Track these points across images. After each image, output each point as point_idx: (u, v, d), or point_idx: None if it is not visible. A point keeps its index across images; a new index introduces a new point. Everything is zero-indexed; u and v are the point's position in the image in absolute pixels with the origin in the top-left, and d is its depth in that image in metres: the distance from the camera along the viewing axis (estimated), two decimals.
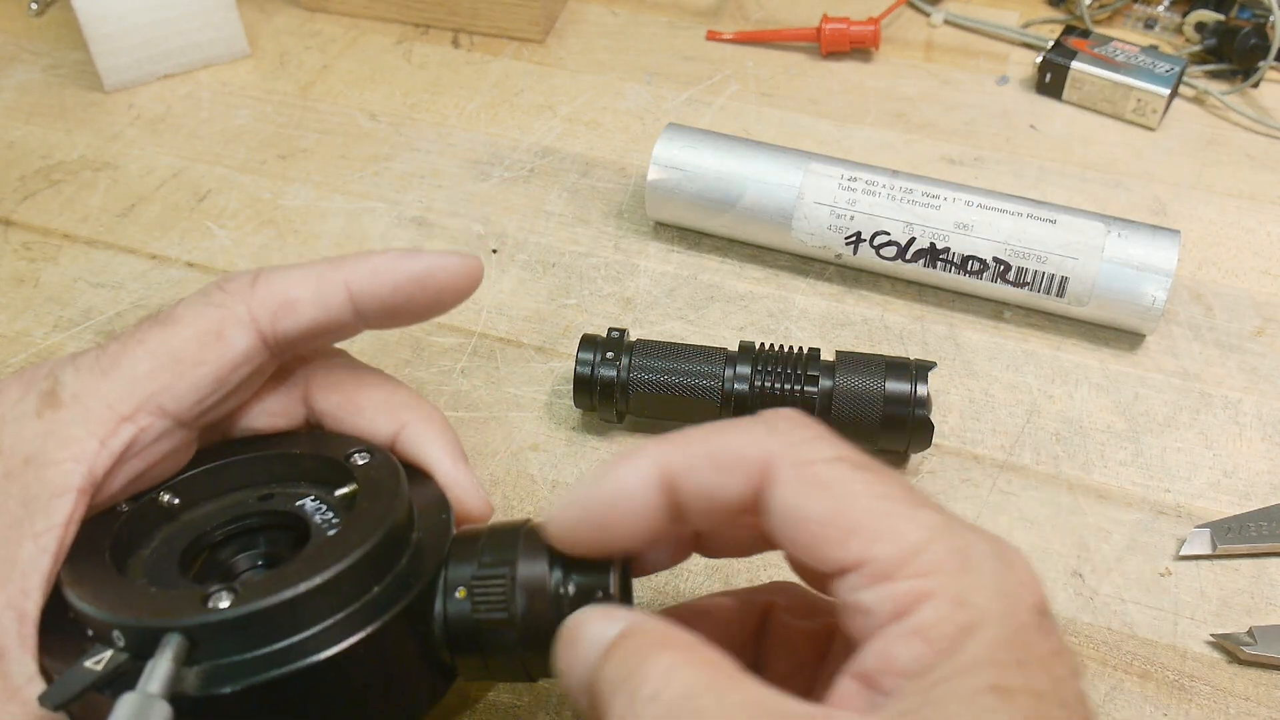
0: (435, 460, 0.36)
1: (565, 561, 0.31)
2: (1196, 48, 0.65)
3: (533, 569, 0.31)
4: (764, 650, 0.33)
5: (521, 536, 0.32)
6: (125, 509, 0.33)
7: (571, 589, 0.31)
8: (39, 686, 0.29)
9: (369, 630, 0.30)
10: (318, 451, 0.35)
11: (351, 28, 0.68)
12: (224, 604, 0.28)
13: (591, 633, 0.28)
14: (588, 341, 0.45)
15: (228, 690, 0.28)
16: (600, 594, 0.31)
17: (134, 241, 0.55)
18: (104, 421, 0.32)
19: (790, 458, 0.27)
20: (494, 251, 0.54)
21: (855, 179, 0.50)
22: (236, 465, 0.35)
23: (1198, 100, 0.63)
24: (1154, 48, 0.62)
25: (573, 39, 0.67)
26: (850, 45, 0.65)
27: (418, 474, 0.36)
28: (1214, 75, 0.64)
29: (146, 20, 0.61)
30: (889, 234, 0.50)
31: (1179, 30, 0.66)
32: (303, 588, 0.29)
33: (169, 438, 0.33)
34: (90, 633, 0.30)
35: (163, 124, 0.61)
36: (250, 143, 0.60)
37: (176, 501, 0.34)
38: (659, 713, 0.24)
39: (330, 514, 0.33)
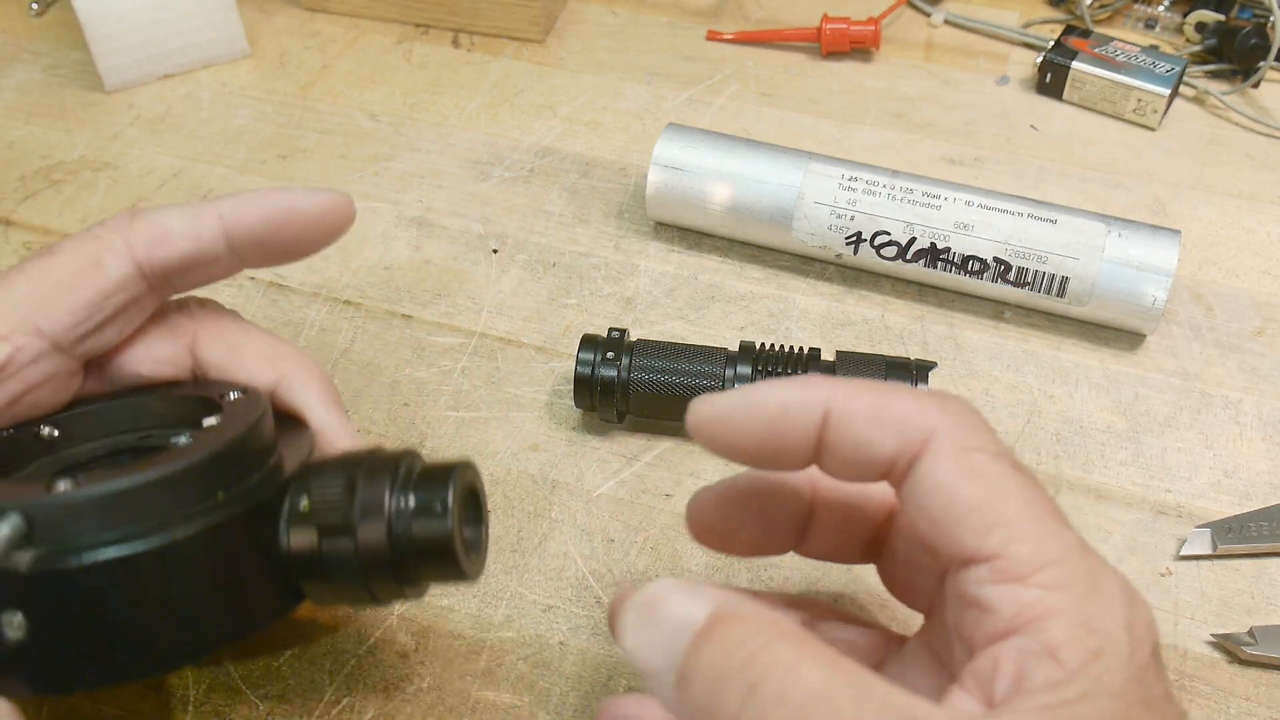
0: (310, 407, 0.37)
1: (407, 479, 0.32)
2: (1197, 48, 0.65)
3: (374, 481, 0.32)
4: None
5: (369, 454, 0.33)
6: (4, 434, 0.34)
7: (411, 501, 0.32)
8: None
9: (200, 526, 0.30)
10: (196, 393, 0.36)
11: (351, 28, 0.68)
12: (65, 485, 0.29)
13: (676, 611, 0.26)
14: (588, 341, 0.45)
15: (56, 568, 0.28)
16: (439, 507, 0.32)
17: None
18: None
19: (955, 438, 0.27)
20: (494, 251, 0.54)
21: (855, 179, 0.50)
22: (117, 407, 0.36)
23: (1198, 100, 0.63)
24: (1154, 48, 0.62)
25: (573, 39, 0.67)
26: (850, 45, 0.65)
27: (293, 420, 0.37)
28: (1214, 75, 0.64)
29: (146, 20, 0.61)
30: (889, 234, 0.50)
31: (1179, 30, 0.66)
32: (142, 478, 0.29)
33: (46, 361, 0.35)
34: None
35: (163, 124, 0.61)
36: (250, 143, 0.60)
37: (55, 434, 0.35)
38: (789, 714, 0.23)
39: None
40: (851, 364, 0.44)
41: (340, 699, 0.39)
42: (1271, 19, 0.61)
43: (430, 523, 0.32)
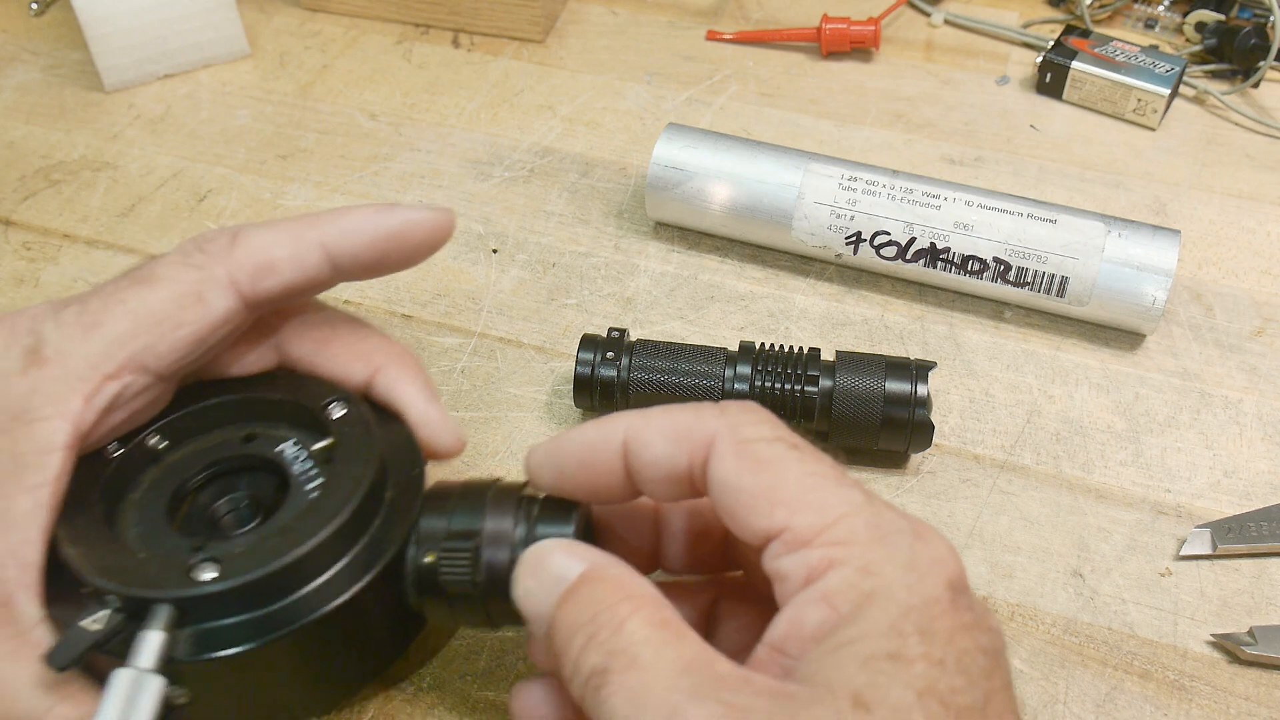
0: (408, 402, 0.37)
1: (529, 522, 0.33)
2: (1197, 48, 0.65)
3: (498, 535, 0.33)
4: (713, 635, 0.35)
5: (489, 499, 0.34)
6: (115, 453, 0.35)
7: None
8: (46, 631, 0.32)
9: (347, 596, 0.32)
10: (296, 398, 0.36)
11: (351, 28, 0.68)
12: (209, 575, 0.31)
13: (554, 566, 0.30)
14: (588, 341, 0.45)
15: (205, 658, 0.31)
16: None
17: (134, 242, 0.55)
18: (88, 380, 0.33)
19: (731, 435, 0.29)
20: (494, 251, 0.54)
21: (855, 179, 0.50)
22: (220, 407, 0.37)
23: (1198, 100, 0.63)
24: (1154, 48, 0.62)
25: (573, 39, 0.67)
26: (850, 45, 0.65)
27: (390, 420, 0.37)
28: (1214, 75, 0.64)
29: (146, 20, 0.61)
30: (889, 234, 0.50)
31: (1179, 30, 0.66)
32: (283, 560, 0.31)
33: (149, 392, 0.35)
34: (85, 591, 0.32)
35: (163, 124, 0.61)
36: (250, 143, 0.60)
37: (163, 445, 0.36)
38: (606, 660, 0.26)
39: (309, 465, 0.35)
40: (851, 364, 0.44)
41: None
42: (1271, 19, 0.61)
43: None
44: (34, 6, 0.69)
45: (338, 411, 0.36)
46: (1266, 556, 0.43)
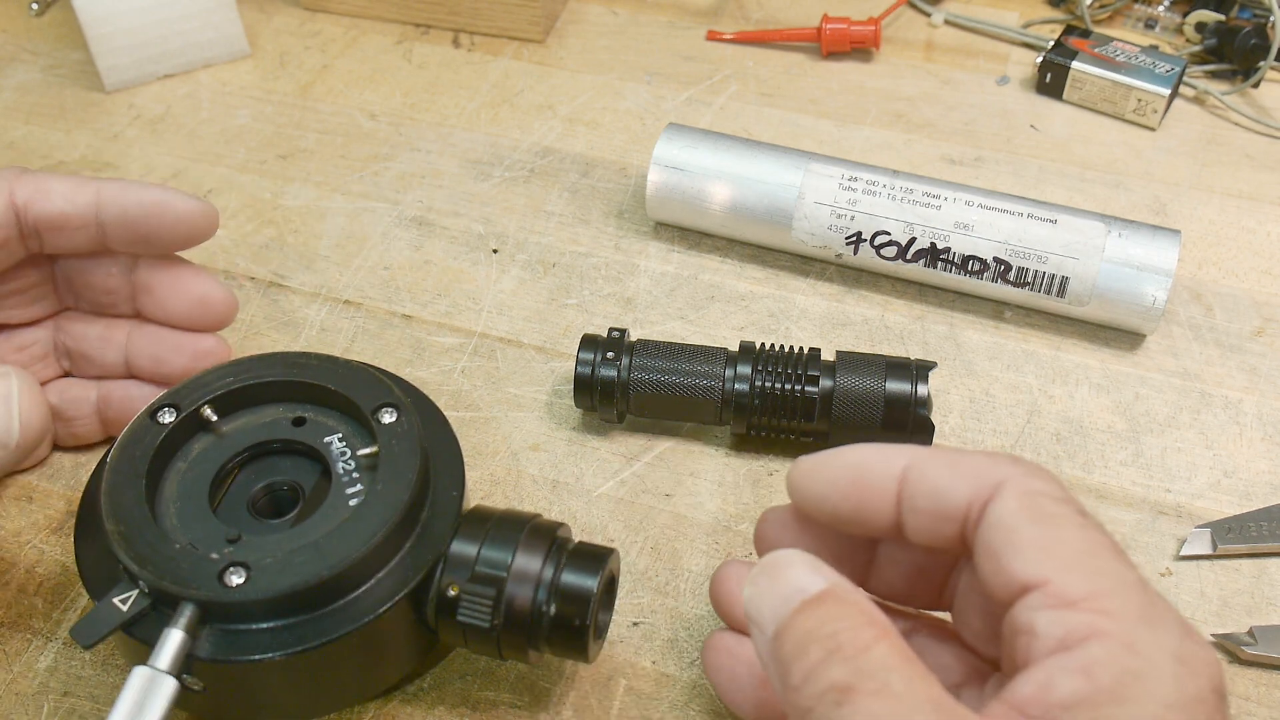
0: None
1: (558, 566, 0.34)
2: (1197, 48, 0.65)
3: (524, 574, 0.34)
4: None
5: (524, 535, 0.34)
6: (168, 420, 0.36)
7: (553, 609, 0.34)
8: None
9: (371, 617, 0.33)
10: (349, 394, 0.37)
11: (351, 28, 0.68)
12: (238, 580, 0.32)
13: (794, 577, 0.29)
14: (588, 341, 0.45)
15: (224, 659, 0.32)
16: (577, 622, 0.34)
17: None
18: None
19: (1022, 485, 0.29)
20: (494, 251, 0.54)
21: (855, 179, 0.50)
22: (272, 385, 0.38)
23: (1198, 100, 0.63)
24: (1154, 48, 0.62)
25: (573, 39, 0.67)
26: (850, 45, 0.65)
27: (436, 432, 0.38)
28: (1214, 75, 0.64)
29: (146, 20, 0.61)
30: (889, 234, 0.50)
31: (1179, 30, 0.66)
32: (313, 578, 0.32)
33: None
34: (121, 566, 0.33)
35: (163, 124, 0.61)
36: (250, 143, 0.60)
37: (215, 418, 0.37)
38: (849, 677, 0.26)
39: (352, 465, 0.36)
40: (851, 364, 0.44)
41: None
42: (1271, 19, 0.61)
43: (572, 613, 0.34)
44: (34, 6, 0.69)
45: (387, 417, 0.36)
46: (1266, 556, 0.43)
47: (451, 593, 0.34)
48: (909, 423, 0.43)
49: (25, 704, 0.38)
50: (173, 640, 0.31)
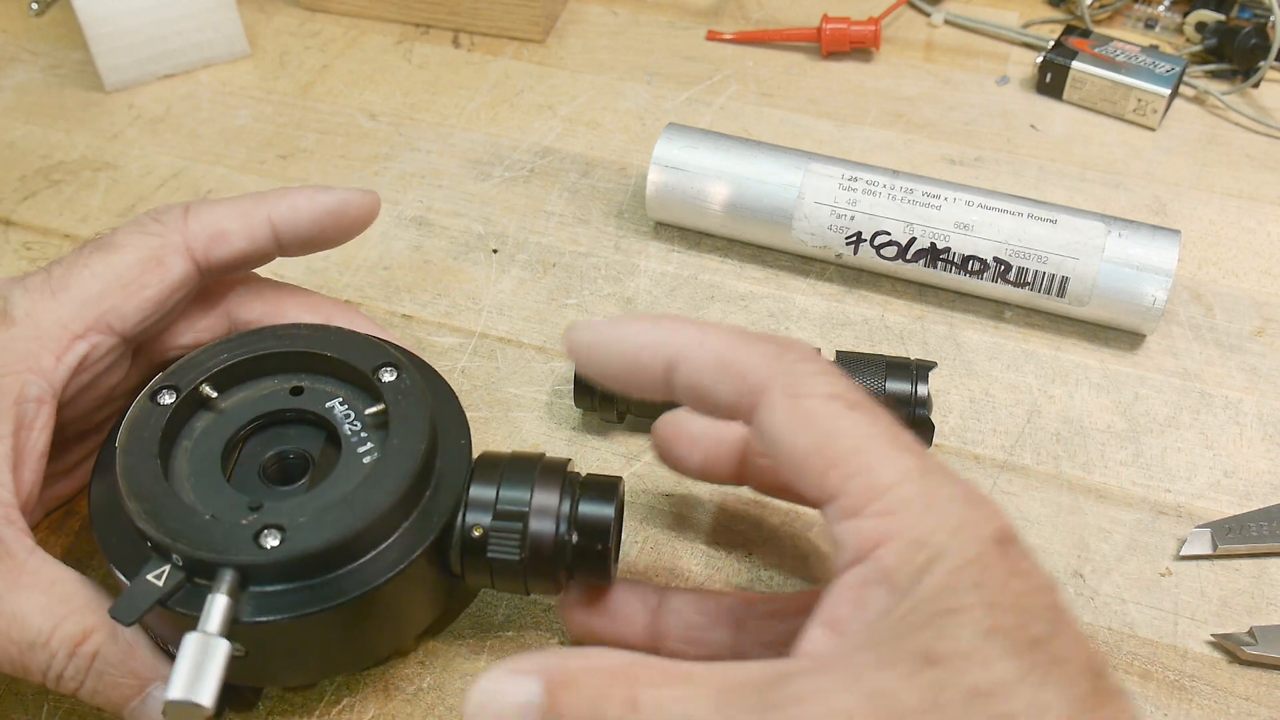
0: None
1: (574, 499, 0.36)
2: (1197, 48, 0.65)
3: (544, 509, 0.35)
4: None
5: (538, 473, 0.36)
6: (169, 401, 0.36)
7: (574, 538, 0.36)
8: (42, 559, 0.34)
9: (402, 566, 0.34)
10: (345, 358, 0.38)
11: (351, 28, 0.68)
12: (274, 542, 0.32)
13: (514, 698, 0.26)
14: None
15: (262, 620, 0.32)
16: (600, 546, 0.35)
17: None
18: (59, 339, 0.36)
19: (786, 387, 0.29)
20: (494, 251, 0.54)
21: (855, 179, 0.50)
22: (269, 358, 0.38)
23: (1198, 100, 0.63)
24: (1154, 48, 0.62)
25: (573, 39, 0.67)
26: (850, 45, 0.65)
27: (437, 387, 0.39)
28: (1214, 75, 0.64)
29: (146, 20, 0.61)
30: (889, 234, 0.50)
31: (1179, 30, 0.66)
32: (347, 532, 0.33)
33: (114, 353, 0.38)
34: (149, 544, 0.33)
35: (163, 124, 0.61)
36: (250, 143, 0.60)
37: (214, 394, 0.37)
38: None
39: (358, 426, 0.37)
40: (852, 364, 0.44)
41: (340, 699, 0.39)
42: (1271, 19, 0.61)
43: (593, 539, 0.36)
44: (34, 6, 0.69)
45: (388, 376, 0.37)
46: (1266, 556, 0.43)
47: (476, 534, 0.35)
48: (909, 423, 0.43)
49: (25, 704, 0.38)
50: (219, 604, 0.32)
